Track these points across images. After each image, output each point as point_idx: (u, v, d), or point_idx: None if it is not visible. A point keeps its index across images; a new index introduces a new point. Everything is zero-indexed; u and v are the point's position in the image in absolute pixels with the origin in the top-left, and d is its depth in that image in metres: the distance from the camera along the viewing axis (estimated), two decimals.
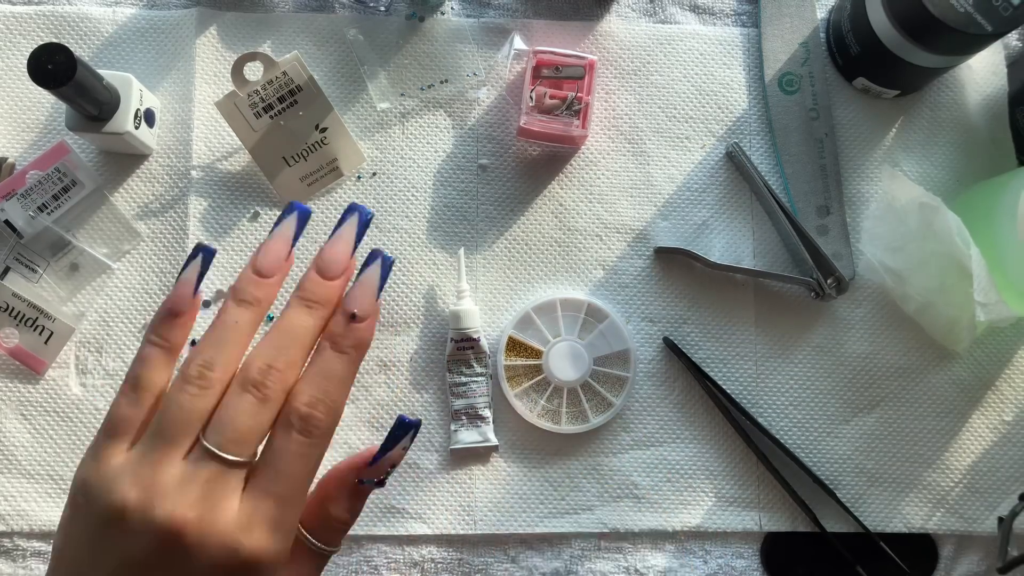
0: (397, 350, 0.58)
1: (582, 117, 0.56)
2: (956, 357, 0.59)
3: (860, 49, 0.58)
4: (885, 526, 0.58)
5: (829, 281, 0.57)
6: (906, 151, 0.61)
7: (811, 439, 0.59)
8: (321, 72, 0.59)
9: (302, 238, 0.42)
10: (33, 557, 0.55)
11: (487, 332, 0.58)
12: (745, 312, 0.59)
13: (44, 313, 0.56)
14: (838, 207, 0.60)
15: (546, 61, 0.57)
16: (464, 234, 0.59)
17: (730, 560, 0.58)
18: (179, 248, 0.58)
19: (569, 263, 0.59)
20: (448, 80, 0.60)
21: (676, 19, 0.62)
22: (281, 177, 0.58)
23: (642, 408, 0.58)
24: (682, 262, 0.59)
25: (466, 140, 0.60)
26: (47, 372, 0.56)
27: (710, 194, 0.60)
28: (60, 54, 0.47)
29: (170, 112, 0.59)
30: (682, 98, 0.61)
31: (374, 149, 0.60)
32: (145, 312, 0.57)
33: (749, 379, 0.59)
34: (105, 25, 0.60)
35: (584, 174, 0.60)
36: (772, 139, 0.61)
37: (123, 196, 0.58)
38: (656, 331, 0.59)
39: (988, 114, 0.62)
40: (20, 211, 0.55)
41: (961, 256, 0.51)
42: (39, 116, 0.58)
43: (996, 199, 0.54)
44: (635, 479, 0.58)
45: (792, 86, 0.61)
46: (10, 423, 0.56)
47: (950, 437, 0.59)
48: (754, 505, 0.58)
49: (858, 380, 0.59)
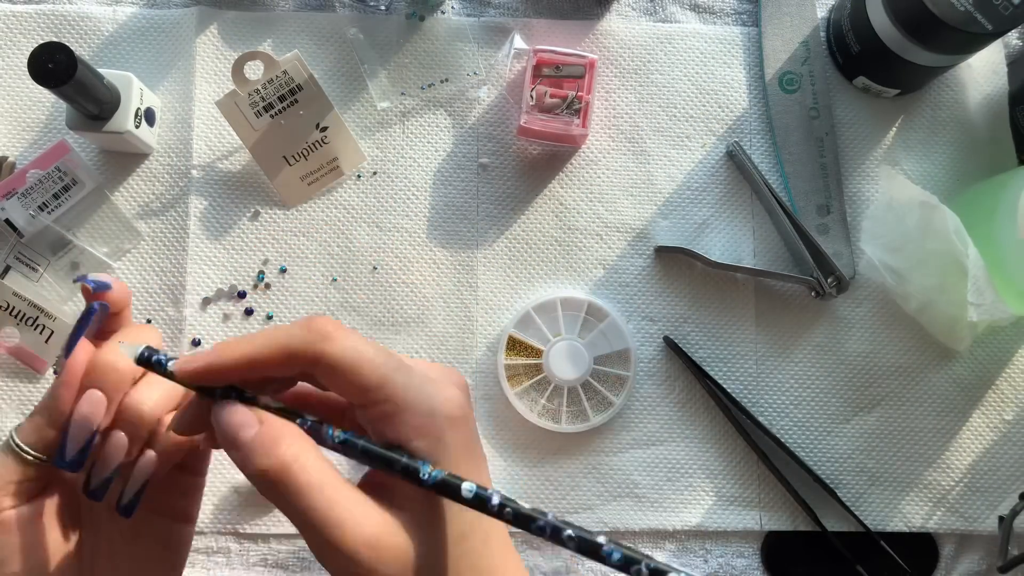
0: (397, 349, 0.58)
1: (582, 116, 0.56)
2: (956, 356, 0.59)
3: (860, 48, 0.58)
4: (886, 525, 0.58)
5: (829, 280, 0.57)
6: (906, 150, 0.61)
7: (811, 438, 0.59)
8: (321, 71, 0.59)
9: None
10: None
11: (487, 332, 0.58)
12: (745, 311, 0.59)
13: (45, 312, 0.56)
14: (838, 206, 0.60)
15: (546, 60, 0.57)
16: (464, 233, 0.59)
17: (730, 559, 0.58)
18: (179, 247, 0.58)
19: (569, 262, 0.59)
20: (448, 79, 0.60)
21: (676, 18, 0.62)
22: (281, 176, 0.58)
23: (642, 407, 0.58)
24: (682, 261, 0.59)
25: (466, 139, 0.60)
26: (48, 371, 0.56)
27: (710, 193, 0.60)
28: (60, 53, 0.47)
29: (170, 111, 0.59)
30: (682, 97, 0.61)
31: (374, 148, 0.60)
32: (145, 312, 0.57)
33: (749, 378, 0.59)
34: (105, 24, 0.60)
35: (584, 173, 0.60)
36: (772, 138, 0.61)
37: (123, 195, 0.58)
38: (656, 330, 0.59)
39: (988, 113, 0.62)
40: (20, 210, 0.55)
41: (960, 255, 0.51)
42: (39, 115, 0.58)
43: (996, 198, 0.54)
44: (635, 478, 0.58)
45: (792, 85, 0.61)
46: (11, 422, 0.56)
47: (950, 436, 0.59)
48: (755, 504, 0.58)
49: (859, 379, 0.59)
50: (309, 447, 0.30)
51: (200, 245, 0.58)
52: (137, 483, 0.35)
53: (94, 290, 0.35)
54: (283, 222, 0.59)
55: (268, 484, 0.29)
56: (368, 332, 0.58)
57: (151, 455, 0.35)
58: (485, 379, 0.58)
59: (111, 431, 0.34)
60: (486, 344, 0.58)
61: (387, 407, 0.30)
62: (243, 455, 0.29)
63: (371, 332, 0.58)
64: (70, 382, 0.34)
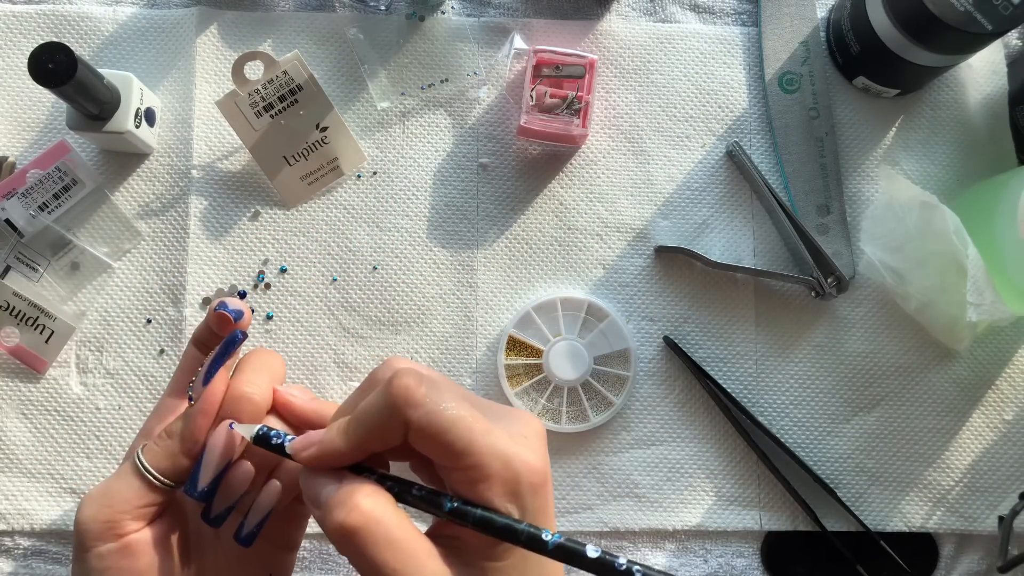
0: (397, 349, 0.58)
1: (582, 116, 0.56)
2: (956, 356, 0.59)
3: (860, 48, 0.58)
4: (885, 525, 0.58)
5: (829, 280, 0.57)
6: (906, 150, 0.61)
7: (811, 438, 0.59)
8: (321, 71, 0.59)
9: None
10: (34, 556, 0.55)
11: (487, 332, 0.58)
12: (745, 311, 0.59)
13: (45, 312, 0.56)
14: (838, 206, 0.60)
15: (546, 60, 0.57)
16: (464, 233, 0.59)
17: (730, 559, 0.58)
18: (179, 247, 0.58)
19: (569, 262, 0.59)
20: (448, 79, 0.60)
21: (676, 18, 0.62)
22: (281, 176, 0.58)
23: (642, 407, 0.58)
24: (682, 261, 0.59)
25: (466, 139, 0.60)
26: (48, 371, 0.56)
27: (710, 193, 0.60)
28: (61, 53, 0.47)
29: (171, 111, 0.59)
30: (682, 97, 0.61)
31: (374, 148, 0.60)
32: (145, 312, 0.57)
33: (749, 378, 0.59)
34: (106, 24, 0.60)
35: (584, 173, 0.60)
36: (772, 138, 0.61)
37: (124, 195, 0.58)
38: (656, 330, 0.59)
39: (988, 113, 0.62)
40: (21, 210, 0.55)
41: (960, 255, 0.51)
42: (40, 115, 0.58)
43: (996, 198, 0.54)
44: (635, 478, 0.58)
45: (792, 85, 0.61)
46: (11, 422, 0.56)
47: (950, 436, 0.59)
48: (754, 504, 0.58)
49: (858, 379, 0.59)
50: (386, 501, 0.30)
51: (200, 245, 0.58)
52: (260, 513, 0.35)
53: (235, 319, 0.35)
54: (283, 222, 0.59)
55: (344, 539, 0.29)
56: (368, 332, 0.58)
57: (276, 486, 0.35)
58: (485, 379, 0.58)
59: (239, 460, 0.34)
60: (486, 344, 0.58)
61: (473, 473, 0.30)
62: (323, 512, 0.30)
63: (371, 332, 0.58)
64: (208, 411, 0.34)
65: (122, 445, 0.56)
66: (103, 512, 0.34)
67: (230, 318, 0.35)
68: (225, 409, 0.34)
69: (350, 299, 0.58)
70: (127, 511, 0.34)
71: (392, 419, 0.30)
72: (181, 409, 0.37)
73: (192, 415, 0.34)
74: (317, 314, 0.58)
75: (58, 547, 0.55)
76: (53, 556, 0.55)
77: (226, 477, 0.34)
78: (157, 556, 0.34)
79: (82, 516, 0.34)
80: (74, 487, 0.56)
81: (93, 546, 0.33)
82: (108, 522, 0.33)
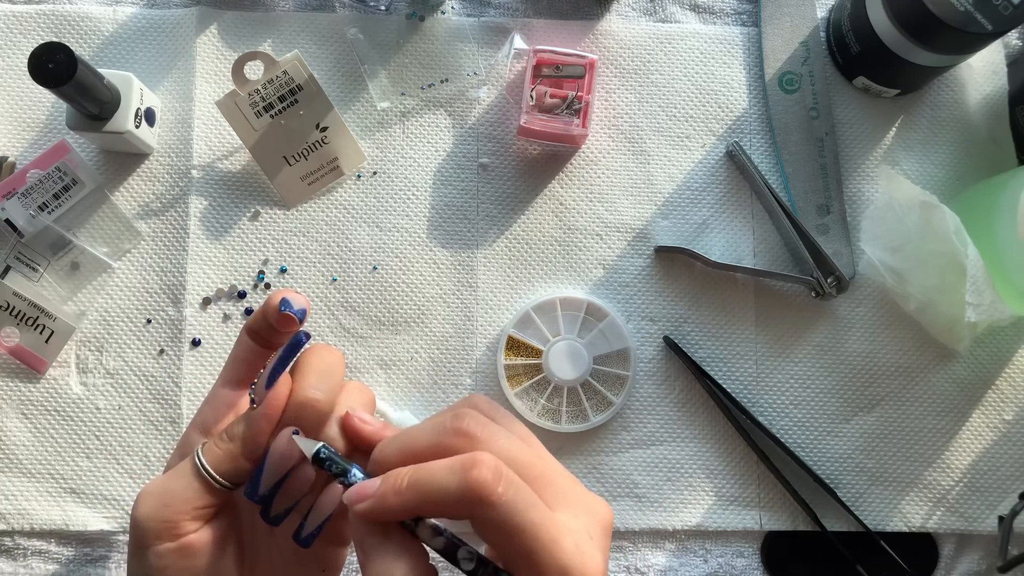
0: (397, 349, 0.58)
1: (582, 116, 0.56)
2: (956, 356, 0.59)
3: (860, 48, 0.58)
4: (885, 525, 0.58)
5: (829, 280, 0.57)
6: (906, 150, 0.61)
7: (811, 438, 0.59)
8: (321, 71, 0.59)
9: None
10: (34, 556, 0.55)
11: (487, 332, 0.58)
12: (745, 311, 0.59)
13: (45, 312, 0.56)
14: (838, 206, 0.60)
15: (546, 60, 0.57)
16: (464, 233, 0.59)
17: (730, 559, 0.58)
18: (179, 247, 0.58)
19: (569, 262, 0.59)
20: (448, 79, 0.60)
21: (676, 18, 0.62)
22: (281, 176, 0.58)
23: (642, 407, 0.58)
24: (682, 261, 0.59)
25: (466, 139, 0.60)
26: (48, 371, 0.56)
27: (710, 193, 0.60)
28: (61, 53, 0.47)
29: (171, 111, 0.59)
30: (682, 97, 0.61)
31: (374, 148, 0.60)
32: (145, 312, 0.57)
33: (749, 378, 0.59)
34: (106, 24, 0.60)
35: (584, 173, 0.60)
36: (772, 138, 0.61)
37: (124, 195, 0.58)
38: (656, 330, 0.59)
39: (988, 113, 0.62)
40: (21, 210, 0.55)
41: (960, 255, 0.51)
42: (40, 115, 0.58)
43: (996, 198, 0.54)
44: (635, 478, 0.58)
45: (792, 85, 0.61)
46: (11, 422, 0.56)
47: (950, 436, 0.59)
48: (754, 504, 0.58)
49: (858, 379, 0.59)
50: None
51: (200, 245, 0.58)
52: (321, 516, 0.35)
53: (300, 320, 0.35)
54: (283, 222, 0.59)
55: None
56: (368, 332, 0.58)
57: (338, 488, 0.34)
58: (485, 379, 0.58)
59: (301, 463, 0.34)
60: (486, 344, 0.58)
61: (530, 573, 0.29)
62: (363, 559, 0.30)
63: (371, 332, 0.58)
64: (272, 416, 0.33)
65: (122, 445, 0.56)
66: (162, 511, 0.33)
67: (295, 319, 0.34)
68: (288, 414, 0.34)
69: (350, 299, 0.58)
70: (186, 511, 0.33)
71: (459, 506, 0.29)
72: (236, 403, 0.37)
73: (255, 419, 0.34)
74: (317, 314, 0.58)
75: (58, 547, 0.55)
76: (53, 556, 0.55)
77: (287, 480, 0.34)
78: (214, 556, 0.34)
79: (141, 513, 0.33)
80: (74, 487, 0.56)
81: (152, 544, 0.33)
82: (167, 522, 0.33)
